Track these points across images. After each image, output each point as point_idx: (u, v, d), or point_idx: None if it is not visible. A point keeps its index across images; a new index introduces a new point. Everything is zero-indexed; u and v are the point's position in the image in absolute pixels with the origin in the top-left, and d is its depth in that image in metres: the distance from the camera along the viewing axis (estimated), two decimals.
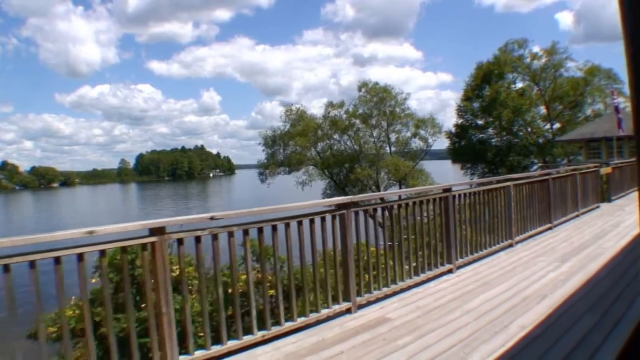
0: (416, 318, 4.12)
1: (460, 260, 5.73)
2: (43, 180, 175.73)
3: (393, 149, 25.29)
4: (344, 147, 26.21)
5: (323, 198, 25.95)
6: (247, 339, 3.51)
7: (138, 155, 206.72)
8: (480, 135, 27.82)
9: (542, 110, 28.33)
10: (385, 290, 4.67)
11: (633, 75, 0.96)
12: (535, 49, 27.98)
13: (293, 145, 24.72)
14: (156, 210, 62.76)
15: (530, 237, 7.38)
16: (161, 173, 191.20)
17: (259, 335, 3.58)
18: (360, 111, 25.15)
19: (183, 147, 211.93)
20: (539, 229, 7.75)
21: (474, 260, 5.99)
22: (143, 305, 3.60)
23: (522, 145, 26.59)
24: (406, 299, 4.65)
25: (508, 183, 7.00)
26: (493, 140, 27.78)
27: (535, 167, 28.23)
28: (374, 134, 25.30)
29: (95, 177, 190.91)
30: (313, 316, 3.98)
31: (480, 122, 27.75)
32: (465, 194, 5.99)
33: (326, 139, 25.42)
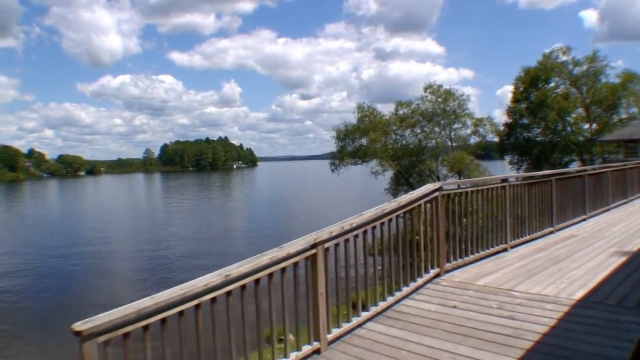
0: (590, 234, 7.88)
1: (587, 215, 9.43)
2: (70, 168, 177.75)
3: (454, 144, 29.01)
4: (405, 142, 29.95)
5: (391, 186, 29.77)
6: (515, 242, 7.25)
7: (163, 145, 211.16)
8: (527, 134, 31.42)
9: (582, 112, 31.75)
10: (566, 222, 8.42)
11: None
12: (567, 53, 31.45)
13: (365, 139, 28.54)
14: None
15: (616, 207, 11.04)
16: (185, 163, 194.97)
17: (512, 243, 7.31)
18: (422, 109, 28.86)
19: (207, 138, 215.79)
20: (621, 201, 11.44)
21: (593, 216, 9.66)
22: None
23: (564, 144, 30.07)
24: (576, 228, 8.41)
25: (606, 170, 10.72)
26: (538, 138, 31.32)
27: (573, 164, 31.65)
28: (435, 131, 29.06)
29: (120, 167, 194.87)
30: (536, 234, 7.69)
31: (526, 121, 31.26)
32: (588, 175, 9.71)
33: (392, 134, 29.19)
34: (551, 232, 7.93)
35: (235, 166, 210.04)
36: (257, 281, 3.50)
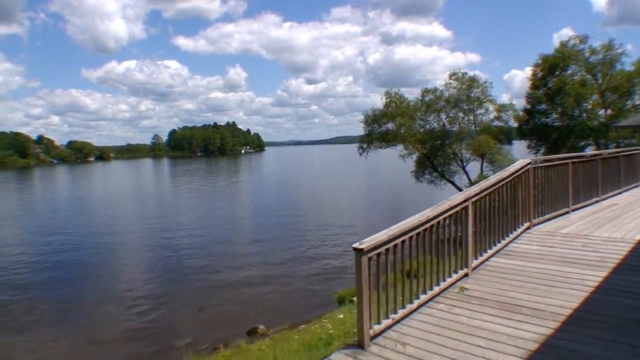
0: (629, 203, 9.70)
1: (621, 189, 11.19)
2: (80, 154, 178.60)
3: (477, 128, 30.73)
4: (430, 127, 31.67)
5: (417, 169, 31.57)
6: (574, 206, 9.08)
7: (171, 130, 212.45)
8: (545, 119, 33.03)
9: (597, 98, 33.32)
10: (607, 194, 10.24)
11: None
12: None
13: (392, 124, 30.30)
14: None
15: None
16: (194, 149, 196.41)
17: (572, 207, 9.14)
18: (446, 95, 30.60)
19: (215, 124, 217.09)
20: None
21: (626, 190, 11.40)
22: None
23: (581, 129, 31.69)
24: (615, 199, 10.24)
25: (636, 152, 12.50)
26: (555, 123, 32.94)
27: (588, 148, 33.28)
28: (459, 116, 30.79)
29: (129, 152, 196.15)
30: (587, 202, 9.53)
31: (544, 107, 32.84)
32: (623, 156, 11.48)
33: (418, 119, 30.91)
34: (597, 202, 9.76)
35: (243, 151, 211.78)
36: (438, 222, 5.34)
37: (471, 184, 29.75)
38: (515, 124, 33.46)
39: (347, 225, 28.60)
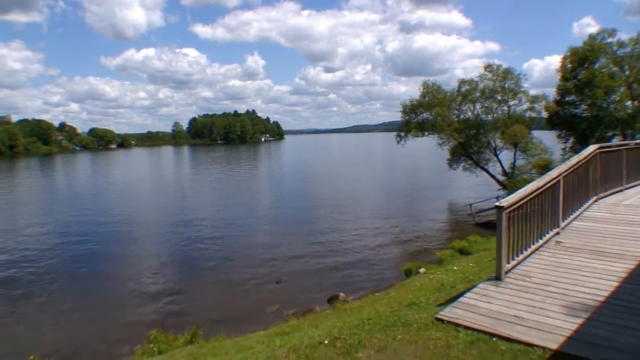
0: None
1: None
2: (101, 141, 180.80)
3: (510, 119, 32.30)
4: (463, 116, 33.29)
5: (451, 157, 33.26)
6: (627, 185, 10.86)
7: (191, 118, 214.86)
8: (574, 111, 34.39)
9: (623, 90, 34.56)
10: None
11: None
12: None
13: (427, 113, 32.02)
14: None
15: None
16: (214, 136, 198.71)
17: (626, 185, 10.91)
18: (481, 86, 32.15)
19: (235, 112, 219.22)
20: None
21: None
22: None
23: (609, 120, 33.06)
24: None
25: None
26: (584, 114, 34.29)
27: (615, 139, 34.57)
28: (493, 106, 32.36)
29: (150, 139, 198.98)
30: (637, 182, 11.29)
31: (573, 98, 34.20)
32: None
33: (454, 109, 32.56)
34: None
35: (263, 139, 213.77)
36: (541, 193, 7.18)
37: (504, 171, 31.47)
38: (545, 115, 34.87)
39: (378, 212, 30.23)
